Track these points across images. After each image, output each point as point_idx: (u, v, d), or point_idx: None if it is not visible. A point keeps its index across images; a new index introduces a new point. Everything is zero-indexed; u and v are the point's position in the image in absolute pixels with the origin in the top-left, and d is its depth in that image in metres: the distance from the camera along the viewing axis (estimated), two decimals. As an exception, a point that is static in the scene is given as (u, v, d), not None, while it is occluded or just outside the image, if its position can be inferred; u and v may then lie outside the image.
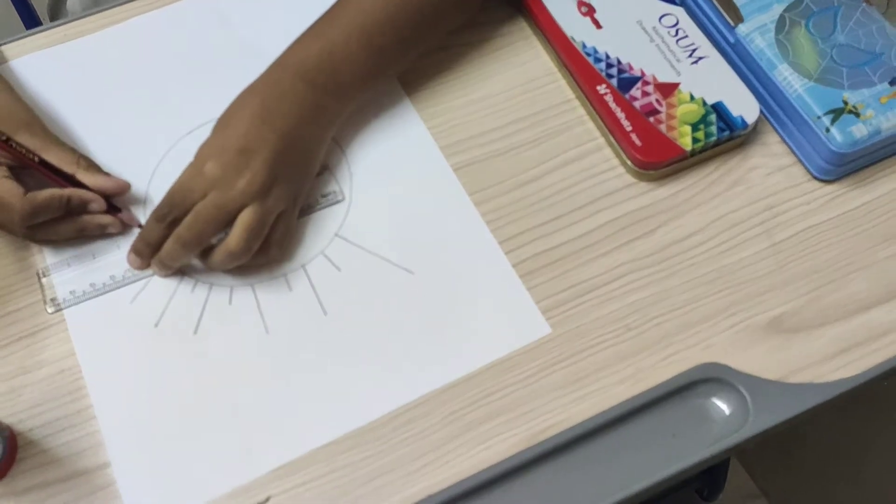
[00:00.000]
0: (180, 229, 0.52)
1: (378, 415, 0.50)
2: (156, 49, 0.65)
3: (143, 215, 0.57)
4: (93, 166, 0.56)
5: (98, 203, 0.54)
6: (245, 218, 0.51)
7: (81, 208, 0.54)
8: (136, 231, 0.56)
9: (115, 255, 0.55)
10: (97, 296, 0.54)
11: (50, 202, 0.52)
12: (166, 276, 0.55)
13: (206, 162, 0.52)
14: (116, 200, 0.56)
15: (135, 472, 0.49)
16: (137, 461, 0.49)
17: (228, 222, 0.52)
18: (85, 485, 0.48)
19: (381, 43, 0.57)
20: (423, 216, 0.57)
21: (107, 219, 0.55)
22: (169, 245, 0.52)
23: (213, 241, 0.53)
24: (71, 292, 0.54)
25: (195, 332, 0.53)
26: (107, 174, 0.56)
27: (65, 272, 0.55)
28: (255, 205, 0.52)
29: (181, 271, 0.55)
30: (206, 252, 0.54)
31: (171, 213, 0.52)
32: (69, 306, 0.54)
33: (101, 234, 0.56)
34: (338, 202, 0.57)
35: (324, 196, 0.58)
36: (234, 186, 0.52)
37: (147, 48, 0.65)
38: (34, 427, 0.50)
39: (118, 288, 0.55)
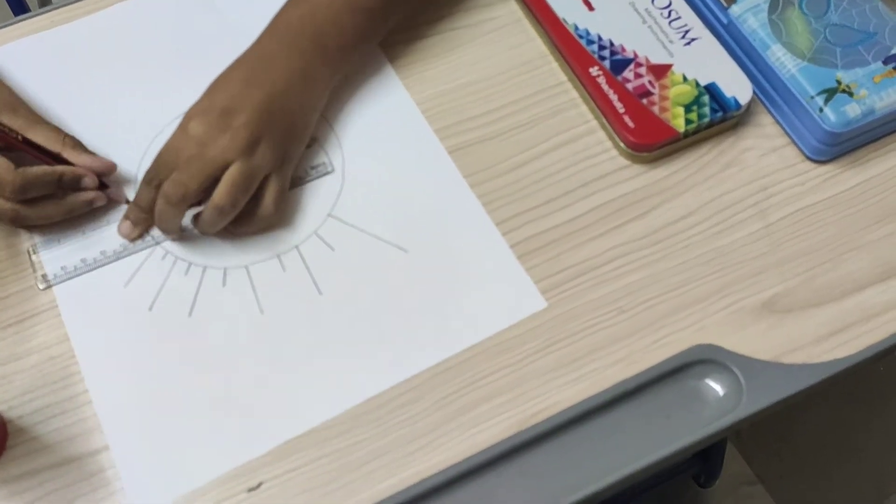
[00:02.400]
0: (165, 186, 0.52)
1: (375, 392, 0.50)
2: (143, 34, 0.64)
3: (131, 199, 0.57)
4: (78, 145, 0.56)
5: (91, 178, 0.54)
6: (230, 172, 0.52)
7: (74, 184, 0.54)
8: (125, 207, 0.56)
9: (106, 231, 0.55)
10: (88, 271, 0.54)
11: (42, 177, 0.52)
12: (175, 239, 0.55)
13: (190, 122, 0.53)
14: (107, 178, 0.56)
15: (132, 455, 0.48)
16: (134, 445, 0.49)
17: (213, 178, 0.52)
18: (76, 471, 0.48)
19: (365, 3, 0.57)
20: (417, 196, 0.57)
21: (92, 194, 0.55)
22: (158, 205, 0.52)
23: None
24: (62, 268, 0.54)
25: (190, 314, 0.53)
26: (92, 153, 0.56)
27: (55, 248, 0.55)
28: (240, 161, 0.52)
29: (174, 254, 0.55)
30: (198, 216, 0.54)
31: (159, 174, 0.52)
32: (60, 282, 0.53)
33: (89, 209, 0.55)
34: (328, 173, 0.57)
35: (313, 168, 0.57)
36: (218, 143, 0.52)
37: (134, 33, 0.64)
38: (24, 414, 0.50)
39: (109, 263, 0.54)
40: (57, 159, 0.54)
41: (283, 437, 0.49)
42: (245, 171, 0.52)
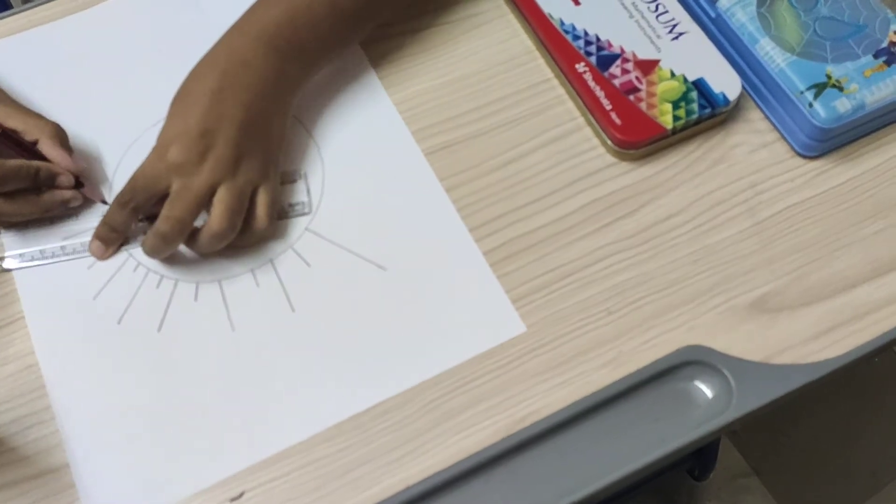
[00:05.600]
0: (159, 224, 0.50)
1: (348, 415, 0.49)
2: (125, 34, 0.63)
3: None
4: (58, 136, 0.54)
5: (67, 178, 0.53)
6: (221, 197, 0.51)
7: (49, 182, 0.53)
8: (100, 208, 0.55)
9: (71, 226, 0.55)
10: (46, 264, 0.53)
11: (19, 170, 0.51)
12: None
13: (168, 148, 0.51)
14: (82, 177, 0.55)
15: (96, 474, 0.47)
16: (99, 463, 0.47)
17: (204, 206, 0.51)
18: (54, 482, 0.47)
19: (345, 6, 0.56)
20: (395, 208, 0.55)
21: (69, 193, 0.54)
22: (151, 241, 0.51)
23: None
24: (20, 255, 0.53)
25: (159, 329, 0.51)
26: (69, 149, 0.55)
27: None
28: (226, 183, 0.51)
29: (146, 266, 0.54)
30: (191, 237, 0.52)
31: (134, 199, 0.51)
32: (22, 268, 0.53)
33: (66, 209, 0.55)
34: (304, 214, 0.55)
35: (291, 205, 0.55)
36: (202, 170, 0.51)
37: (116, 33, 0.63)
38: (2, 424, 0.49)
39: (70, 259, 0.53)
40: (32, 152, 0.53)
41: (254, 458, 0.48)
42: (235, 191, 0.51)
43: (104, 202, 0.55)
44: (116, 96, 0.60)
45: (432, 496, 0.47)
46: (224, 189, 0.51)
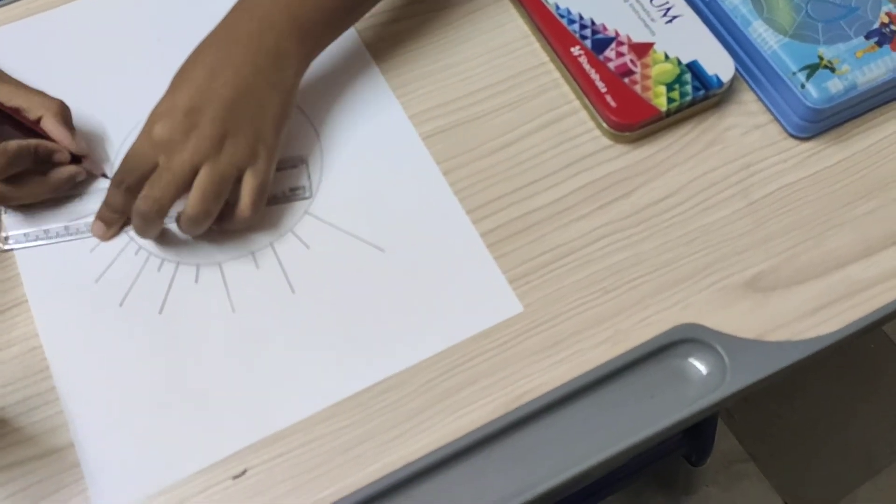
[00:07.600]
0: (138, 203, 0.51)
1: (347, 394, 0.49)
2: (125, 23, 0.63)
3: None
4: (61, 113, 0.54)
5: (62, 154, 0.54)
6: (199, 180, 0.50)
7: (47, 157, 0.53)
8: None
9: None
10: (50, 243, 0.54)
11: (20, 151, 0.51)
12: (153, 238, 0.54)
13: (155, 125, 0.51)
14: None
15: (100, 453, 0.48)
16: (103, 443, 0.48)
17: (186, 185, 0.51)
18: (59, 462, 0.48)
19: None
20: (393, 192, 0.56)
21: (73, 168, 0.54)
22: (133, 221, 0.51)
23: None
24: (24, 234, 0.54)
25: (160, 311, 0.52)
26: (72, 128, 0.55)
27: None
28: (207, 164, 0.50)
29: (148, 249, 0.54)
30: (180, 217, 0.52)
31: (126, 179, 0.51)
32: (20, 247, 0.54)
33: (72, 185, 0.55)
34: (304, 198, 0.56)
35: (292, 190, 0.56)
36: (184, 148, 0.50)
37: (116, 22, 0.64)
38: (6, 406, 0.49)
39: (73, 239, 0.54)
40: (32, 131, 0.54)
41: (254, 437, 0.48)
42: (215, 175, 0.50)
43: (105, 176, 0.56)
44: (116, 84, 0.61)
45: (432, 472, 0.48)
46: (204, 171, 0.50)
